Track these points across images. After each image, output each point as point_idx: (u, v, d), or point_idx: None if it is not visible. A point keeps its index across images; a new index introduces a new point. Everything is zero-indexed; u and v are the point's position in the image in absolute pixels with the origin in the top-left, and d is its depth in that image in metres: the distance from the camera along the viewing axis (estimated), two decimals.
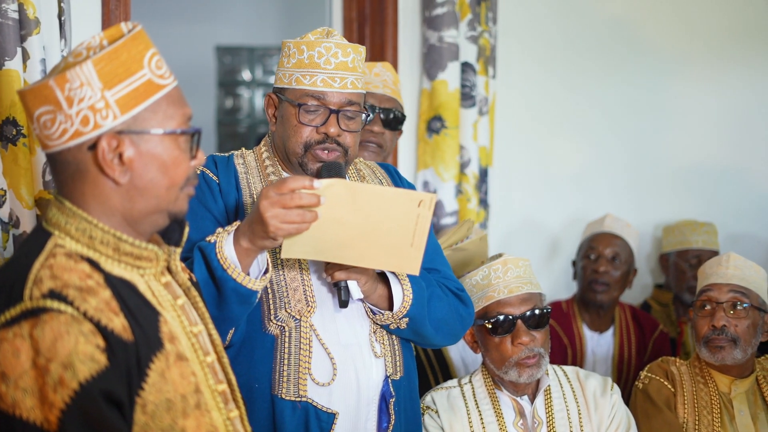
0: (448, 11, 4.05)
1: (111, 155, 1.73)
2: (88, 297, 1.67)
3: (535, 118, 4.58)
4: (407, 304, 2.45)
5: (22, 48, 2.69)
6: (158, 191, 1.78)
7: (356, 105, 2.50)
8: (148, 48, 1.77)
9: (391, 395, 2.50)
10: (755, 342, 2.99)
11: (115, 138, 1.72)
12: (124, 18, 3.15)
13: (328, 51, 2.47)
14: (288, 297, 2.44)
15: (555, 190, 4.63)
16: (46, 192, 2.77)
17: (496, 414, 2.81)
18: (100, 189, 1.75)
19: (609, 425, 2.84)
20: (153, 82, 1.76)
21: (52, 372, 1.60)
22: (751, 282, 3.01)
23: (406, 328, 2.49)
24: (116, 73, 1.72)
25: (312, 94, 2.47)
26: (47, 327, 1.61)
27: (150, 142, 1.75)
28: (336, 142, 2.47)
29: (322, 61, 2.47)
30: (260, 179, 2.56)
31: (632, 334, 4.04)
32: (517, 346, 2.76)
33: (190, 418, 1.75)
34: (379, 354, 2.49)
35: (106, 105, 1.72)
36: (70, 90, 1.71)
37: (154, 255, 1.82)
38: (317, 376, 2.42)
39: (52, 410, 1.60)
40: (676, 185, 4.76)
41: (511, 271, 2.82)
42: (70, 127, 1.72)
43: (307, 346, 2.42)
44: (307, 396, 2.41)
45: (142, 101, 1.74)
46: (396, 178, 2.71)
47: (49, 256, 1.70)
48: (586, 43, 4.62)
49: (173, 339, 1.78)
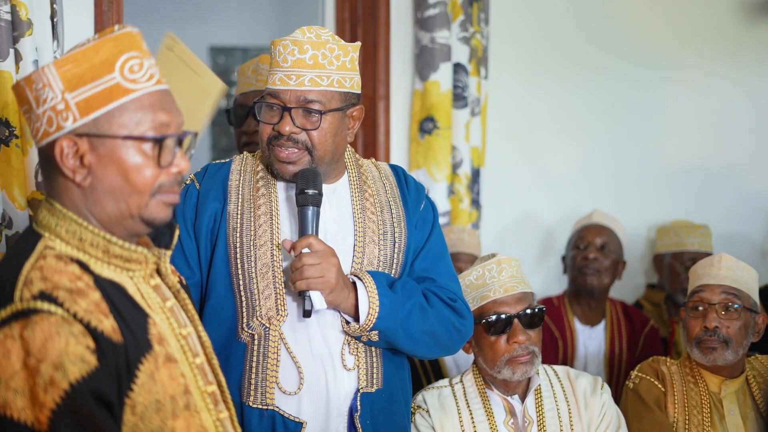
0: (441, 12, 4.06)
1: (71, 158, 1.73)
2: (77, 299, 1.67)
3: (527, 119, 4.60)
4: (372, 317, 2.42)
5: (14, 49, 2.69)
6: (121, 196, 1.77)
7: (317, 102, 2.44)
8: (125, 51, 1.76)
9: (356, 410, 2.46)
10: (746, 343, 2.99)
11: (71, 140, 1.73)
12: (117, 19, 3.14)
13: (286, 49, 2.44)
14: (260, 305, 2.44)
15: (547, 190, 4.64)
16: (38, 193, 2.78)
17: (487, 413, 2.82)
18: (68, 190, 1.77)
19: (599, 424, 2.85)
20: (121, 86, 1.74)
21: (42, 372, 1.60)
22: (742, 283, 3.00)
23: (379, 340, 2.47)
24: (82, 75, 1.72)
25: (271, 93, 2.46)
26: (38, 328, 1.62)
27: (110, 146, 1.74)
28: (294, 140, 2.44)
29: (281, 60, 2.45)
30: (249, 185, 2.55)
31: (623, 329, 4.05)
32: (511, 344, 2.77)
33: (180, 419, 1.76)
34: (351, 367, 2.47)
35: (66, 107, 1.72)
36: (36, 90, 1.73)
37: (143, 257, 1.82)
38: (284, 385, 2.42)
39: (43, 410, 1.60)
40: (667, 186, 4.77)
41: (506, 271, 2.83)
42: (40, 126, 1.75)
43: (275, 354, 2.41)
44: (274, 404, 2.41)
45: (104, 105, 1.73)
46: (402, 179, 2.69)
47: (39, 258, 1.71)
48: (578, 44, 4.63)
49: (162, 341, 1.78)
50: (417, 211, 2.64)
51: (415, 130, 4.16)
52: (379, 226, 2.55)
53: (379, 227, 2.55)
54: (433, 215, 2.68)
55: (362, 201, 2.57)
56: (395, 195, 2.63)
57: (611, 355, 4.00)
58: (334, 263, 2.40)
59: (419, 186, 2.71)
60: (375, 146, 4.13)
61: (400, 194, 2.64)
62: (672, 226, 4.53)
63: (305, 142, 2.45)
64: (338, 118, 2.49)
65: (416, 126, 4.15)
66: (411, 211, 2.63)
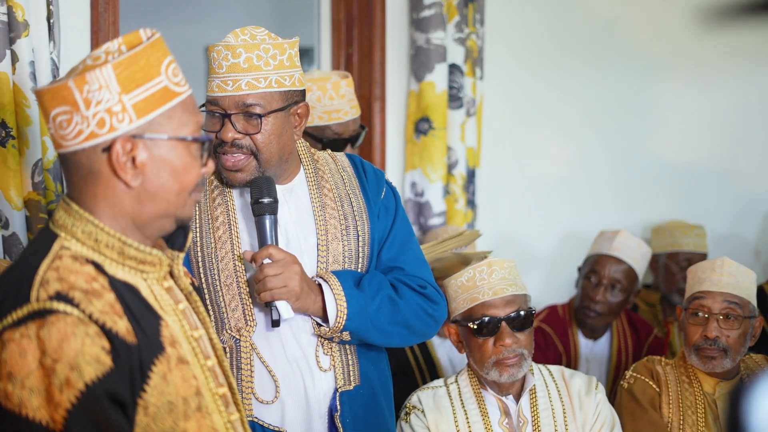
0: (436, 13, 4.06)
1: (125, 158, 1.75)
2: (93, 299, 1.69)
3: (523, 120, 4.60)
4: (342, 319, 2.41)
5: (11, 50, 2.70)
6: (168, 196, 1.80)
7: (256, 106, 2.40)
8: (165, 55, 1.79)
9: (335, 409, 2.47)
10: (744, 350, 3.00)
11: (129, 141, 1.74)
12: (113, 20, 3.14)
13: (219, 55, 2.40)
14: (228, 317, 2.43)
15: (542, 190, 4.65)
16: (35, 193, 2.78)
17: (482, 413, 2.83)
18: (111, 191, 1.77)
19: (593, 424, 2.85)
20: (169, 89, 1.78)
21: (58, 372, 1.62)
22: (743, 289, 2.99)
23: (352, 339, 2.46)
24: (134, 78, 1.74)
25: (210, 100, 2.43)
26: (54, 328, 1.63)
27: (163, 147, 1.77)
28: (238, 145, 2.41)
29: (216, 66, 2.41)
30: (205, 196, 2.50)
31: (629, 339, 4.01)
32: (498, 347, 2.77)
33: (191, 420, 1.77)
34: (326, 368, 2.47)
35: (122, 108, 1.74)
36: (88, 92, 1.72)
37: (157, 260, 1.83)
38: (260, 394, 2.43)
39: (58, 410, 1.62)
40: (662, 186, 4.78)
41: (496, 273, 2.82)
42: (86, 128, 1.74)
43: (248, 365, 2.41)
44: (252, 415, 2.41)
45: (158, 107, 1.76)
46: (360, 168, 2.64)
47: (56, 258, 1.72)
48: (573, 45, 4.64)
49: (174, 343, 1.80)
50: (378, 199, 2.61)
51: (410, 130, 4.16)
52: (341, 221, 2.52)
53: (341, 223, 2.52)
54: (395, 201, 2.65)
55: (321, 197, 2.54)
56: (354, 186, 2.59)
57: (617, 365, 3.97)
58: (297, 271, 2.38)
59: (378, 172, 2.66)
60: (371, 147, 4.13)
61: (359, 184, 2.61)
62: (667, 226, 4.54)
63: (249, 146, 2.41)
64: (281, 119, 2.44)
65: (412, 126, 4.16)
66: (372, 200, 2.60)
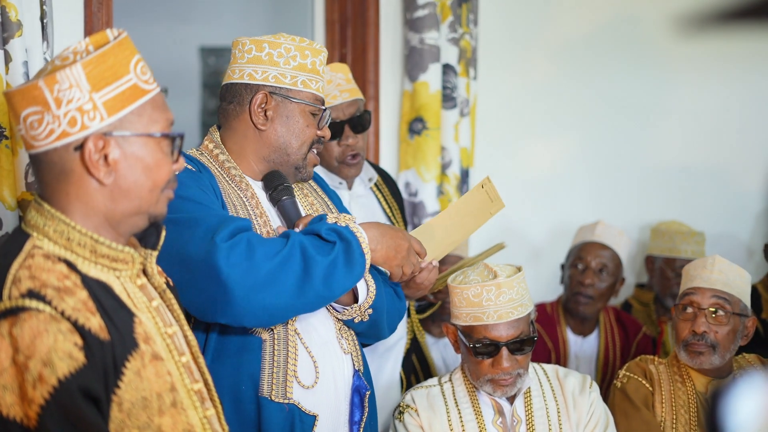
0: (430, 13, 4.07)
1: (97, 156, 1.76)
2: (65, 297, 1.70)
3: (517, 120, 4.61)
4: (372, 294, 2.48)
5: (4, 50, 2.70)
6: (141, 192, 1.81)
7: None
8: (133, 54, 1.81)
9: (366, 388, 2.53)
10: (734, 347, 2.99)
11: (101, 139, 1.76)
12: (106, 20, 3.15)
13: (321, 64, 2.54)
14: None
15: (536, 190, 4.66)
16: (28, 193, 2.78)
17: (476, 413, 2.83)
18: (84, 190, 1.79)
19: (587, 423, 2.86)
20: (138, 86, 1.80)
21: (31, 369, 1.63)
22: (734, 287, 2.99)
23: (368, 320, 2.52)
24: (104, 76, 1.76)
25: (321, 99, 2.54)
26: (26, 325, 1.64)
27: (134, 145, 1.79)
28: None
29: (321, 69, 2.54)
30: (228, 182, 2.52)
31: (616, 337, 4.03)
32: (496, 368, 2.75)
33: (166, 416, 1.78)
34: (347, 350, 2.53)
35: (93, 107, 1.75)
36: (59, 91, 1.74)
37: (130, 257, 1.85)
38: (303, 379, 2.45)
39: (32, 406, 1.62)
40: (656, 186, 4.78)
41: (504, 295, 2.74)
42: (57, 127, 1.75)
43: (294, 349, 2.44)
44: (293, 398, 2.43)
45: (128, 105, 1.78)
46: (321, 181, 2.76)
47: (28, 257, 1.74)
48: (567, 45, 4.64)
49: (148, 339, 1.81)
50: (342, 205, 2.73)
51: (404, 130, 4.17)
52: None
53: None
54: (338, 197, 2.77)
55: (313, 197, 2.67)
56: (325, 200, 2.70)
57: (605, 362, 3.99)
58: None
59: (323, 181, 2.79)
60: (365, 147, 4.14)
61: (327, 197, 2.72)
62: (667, 229, 4.52)
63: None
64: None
65: (405, 127, 4.16)
66: (340, 208, 2.71)
